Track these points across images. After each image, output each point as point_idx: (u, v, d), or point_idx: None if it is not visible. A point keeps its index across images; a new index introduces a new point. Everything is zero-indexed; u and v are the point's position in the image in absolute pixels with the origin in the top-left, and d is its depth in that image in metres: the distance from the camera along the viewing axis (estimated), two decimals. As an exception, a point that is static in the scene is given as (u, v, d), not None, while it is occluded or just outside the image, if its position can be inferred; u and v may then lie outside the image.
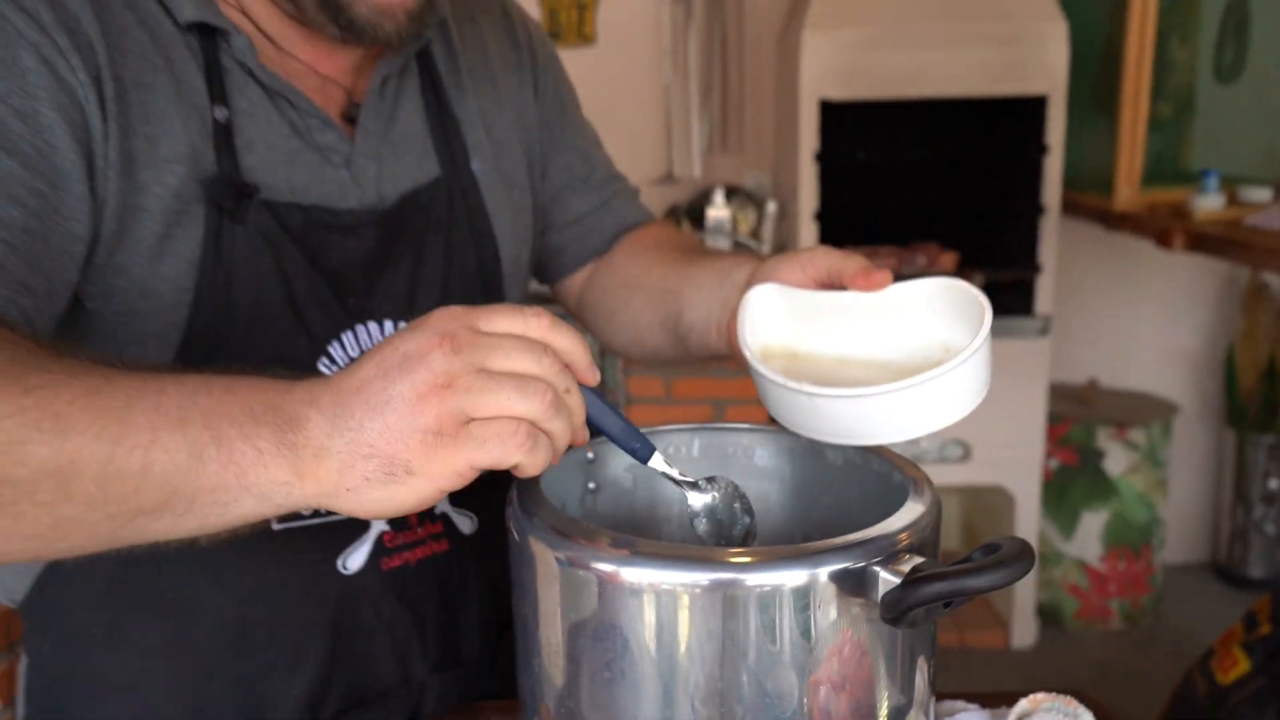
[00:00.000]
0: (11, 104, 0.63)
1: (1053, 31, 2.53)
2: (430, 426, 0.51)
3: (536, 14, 3.15)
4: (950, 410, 0.64)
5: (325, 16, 0.73)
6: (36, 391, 0.51)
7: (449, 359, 0.51)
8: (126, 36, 0.70)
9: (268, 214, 0.75)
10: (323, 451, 0.52)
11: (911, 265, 2.75)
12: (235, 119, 0.75)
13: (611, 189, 1.04)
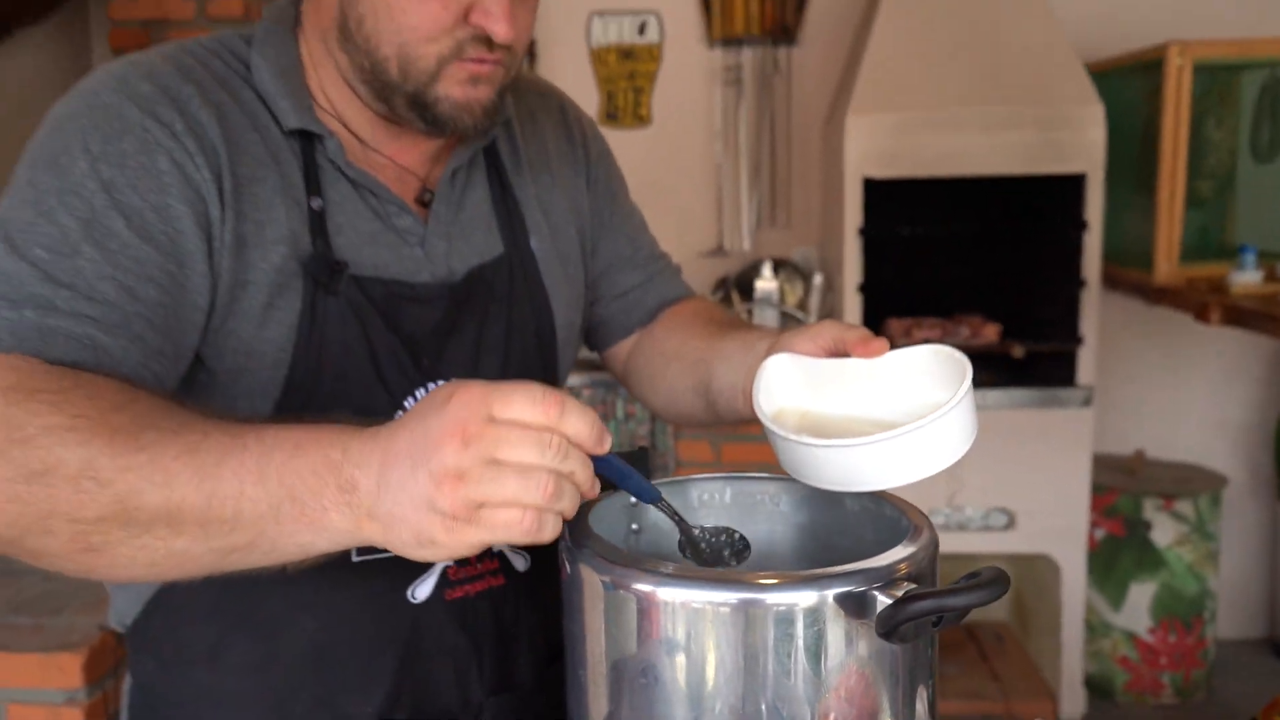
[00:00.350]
0: (149, 200, 0.77)
1: (1090, 115, 2.63)
2: (447, 511, 0.60)
3: (595, 98, 3.34)
4: (933, 460, 0.73)
5: (414, 113, 0.86)
6: (149, 449, 0.63)
7: (459, 454, 0.59)
8: (242, 139, 0.84)
9: (355, 287, 0.88)
10: (372, 513, 0.62)
11: (955, 336, 2.83)
12: (328, 207, 0.88)
13: (655, 267, 1.16)
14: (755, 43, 3.24)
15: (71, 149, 0.77)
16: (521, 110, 1.06)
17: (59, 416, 0.65)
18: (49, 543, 0.65)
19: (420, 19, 0.81)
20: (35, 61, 3.14)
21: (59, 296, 0.72)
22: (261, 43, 0.89)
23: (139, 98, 0.80)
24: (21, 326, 0.71)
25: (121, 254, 0.75)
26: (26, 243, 0.73)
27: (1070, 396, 2.76)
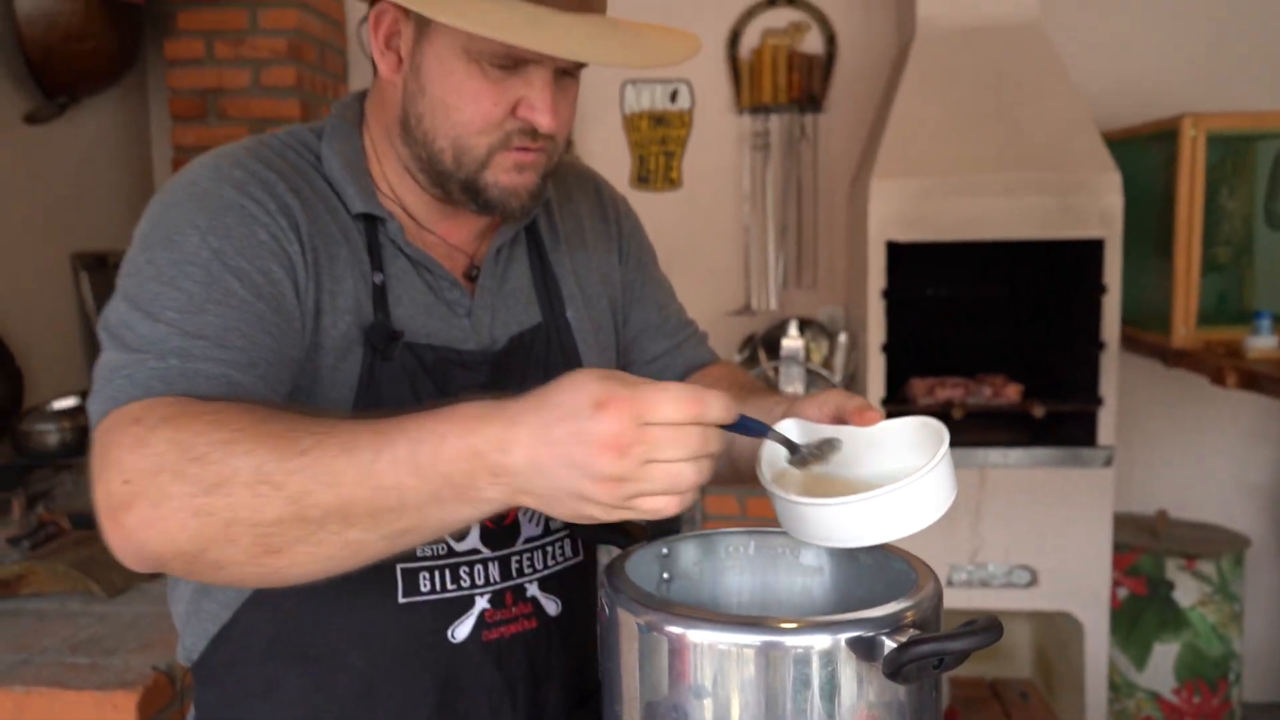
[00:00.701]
0: (255, 265, 0.88)
1: (1108, 182, 2.71)
2: (605, 503, 0.69)
3: (628, 162, 3.47)
4: (911, 520, 0.80)
5: (466, 197, 0.97)
6: (309, 451, 0.71)
7: (618, 463, 0.67)
8: (320, 220, 0.96)
9: (409, 353, 0.98)
10: (527, 490, 0.70)
11: (977, 396, 2.89)
12: (388, 281, 0.98)
13: (684, 334, 1.25)
14: (783, 110, 3.36)
15: (182, 228, 0.87)
16: (560, 191, 1.16)
17: (223, 432, 0.72)
18: (232, 551, 0.72)
19: (473, 115, 0.92)
20: (98, 126, 3.32)
21: (195, 346, 0.81)
22: (330, 136, 1.01)
23: (234, 182, 0.91)
24: (169, 374, 0.80)
25: (240, 310, 0.85)
26: (158, 309, 0.83)
27: (1092, 456, 2.81)
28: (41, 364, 3.02)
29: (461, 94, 0.91)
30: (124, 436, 0.74)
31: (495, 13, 0.83)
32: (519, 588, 1.03)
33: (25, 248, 3.00)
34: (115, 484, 0.73)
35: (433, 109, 0.93)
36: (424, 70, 0.92)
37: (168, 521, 0.71)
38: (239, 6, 3.19)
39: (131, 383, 0.80)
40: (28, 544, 2.55)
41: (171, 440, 0.72)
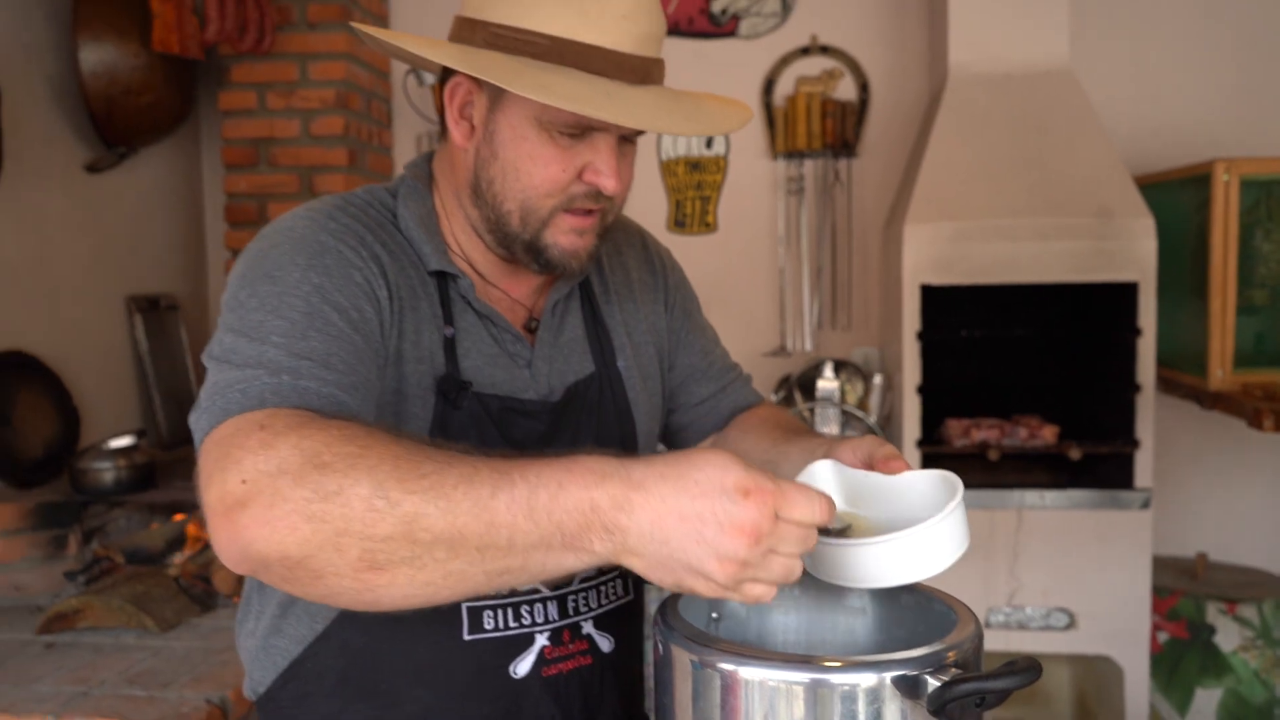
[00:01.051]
0: (352, 302, 0.93)
1: (1141, 226, 2.74)
2: (718, 581, 0.72)
3: (665, 206, 3.54)
4: (920, 567, 0.85)
5: (529, 257, 1.04)
6: (429, 476, 0.72)
7: (750, 549, 0.71)
8: (403, 273, 1.02)
9: (476, 402, 1.03)
10: (637, 552, 0.72)
11: (1013, 437, 2.90)
12: (458, 334, 1.05)
13: (728, 378, 1.30)
14: (817, 155, 3.42)
15: (283, 264, 0.92)
16: (609, 246, 1.23)
17: (349, 445, 0.74)
18: (337, 560, 0.72)
19: (543, 179, 0.98)
20: (153, 174, 3.45)
21: (302, 366, 0.85)
22: (405, 197, 1.07)
23: (330, 231, 0.97)
24: (281, 388, 0.83)
25: (339, 338, 0.89)
26: (264, 334, 0.87)
27: (1129, 499, 2.80)
28: (97, 404, 3.12)
29: (533, 159, 0.97)
30: (248, 439, 0.76)
31: (571, 87, 0.90)
32: (575, 625, 1.08)
33: (82, 290, 3.11)
34: (233, 482, 0.74)
35: (504, 173, 0.99)
36: (497, 137, 0.99)
37: (281, 523, 0.71)
38: (290, 59, 3.31)
39: (245, 395, 0.82)
40: (83, 578, 2.63)
41: (297, 446, 0.73)
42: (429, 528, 0.71)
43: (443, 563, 0.72)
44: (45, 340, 2.92)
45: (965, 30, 3.04)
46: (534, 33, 0.92)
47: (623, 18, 0.93)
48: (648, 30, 0.95)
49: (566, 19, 0.92)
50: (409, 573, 0.72)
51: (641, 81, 0.95)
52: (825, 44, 3.46)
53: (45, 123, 2.96)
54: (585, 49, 0.92)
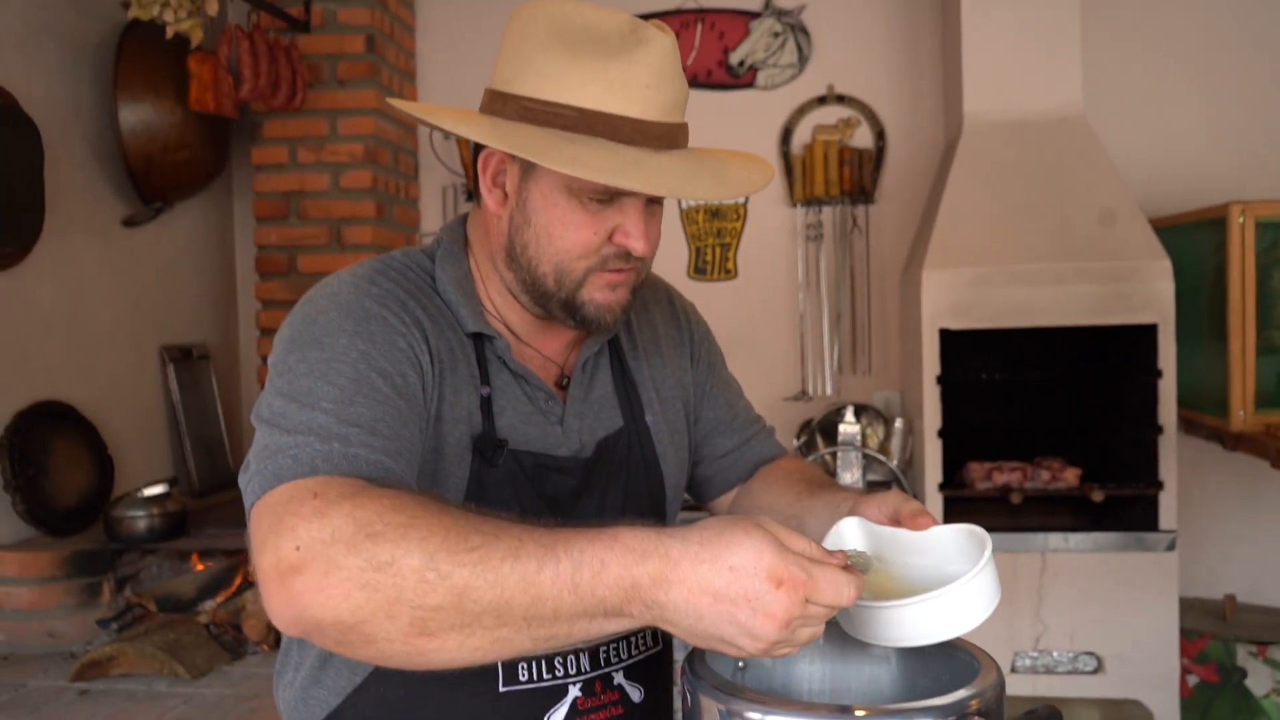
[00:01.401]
0: (396, 368, 0.95)
1: (1158, 269, 2.76)
2: (750, 653, 0.77)
3: (685, 254, 3.59)
4: (953, 625, 0.86)
5: (565, 314, 1.07)
6: (478, 549, 0.75)
7: (779, 632, 0.75)
8: (443, 336, 1.05)
9: (511, 459, 1.06)
10: (672, 622, 0.77)
11: (1035, 480, 2.91)
12: (494, 393, 1.07)
13: (751, 430, 1.33)
14: (835, 202, 3.47)
15: (331, 331, 0.95)
16: (636, 303, 1.24)
17: (400, 515, 0.76)
18: (389, 627, 0.75)
19: (574, 243, 1.01)
20: (187, 228, 3.55)
21: (350, 433, 0.87)
22: (442, 261, 1.11)
23: (374, 297, 1.00)
24: (332, 455, 0.85)
25: (385, 404, 0.92)
26: (314, 401, 0.89)
27: (1154, 540, 2.80)
28: (131, 452, 3.18)
29: (565, 225, 1.00)
30: (303, 507, 0.78)
31: (600, 158, 0.93)
32: (607, 676, 1.10)
33: (118, 341, 3.19)
34: (287, 549, 0.76)
35: (537, 238, 1.02)
36: (529, 204, 1.02)
37: (335, 590, 0.74)
38: (320, 115, 3.41)
39: (296, 461, 0.84)
40: (116, 626, 2.68)
41: (350, 516, 0.76)
42: (478, 599, 0.74)
43: (490, 630, 0.75)
44: (81, 390, 2.99)
45: (979, 79, 3.10)
46: (563, 105, 0.96)
47: (646, 87, 0.96)
48: (672, 98, 0.98)
49: (594, 91, 0.95)
50: (458, 639, 0.75)
51: (668, 147, 0.98)
52: (842, 93, 3.53)
53: (86, 179, 3.06)
54: (612, 119, 0.95)
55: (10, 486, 2.68)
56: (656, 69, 0.97)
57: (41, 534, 2.79)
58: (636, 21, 0.99)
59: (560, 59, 0.96)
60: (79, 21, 3.03)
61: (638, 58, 0.96)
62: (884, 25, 3.52)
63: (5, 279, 2.73)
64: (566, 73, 0.96)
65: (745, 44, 3.57)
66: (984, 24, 3.08)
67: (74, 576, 2.71)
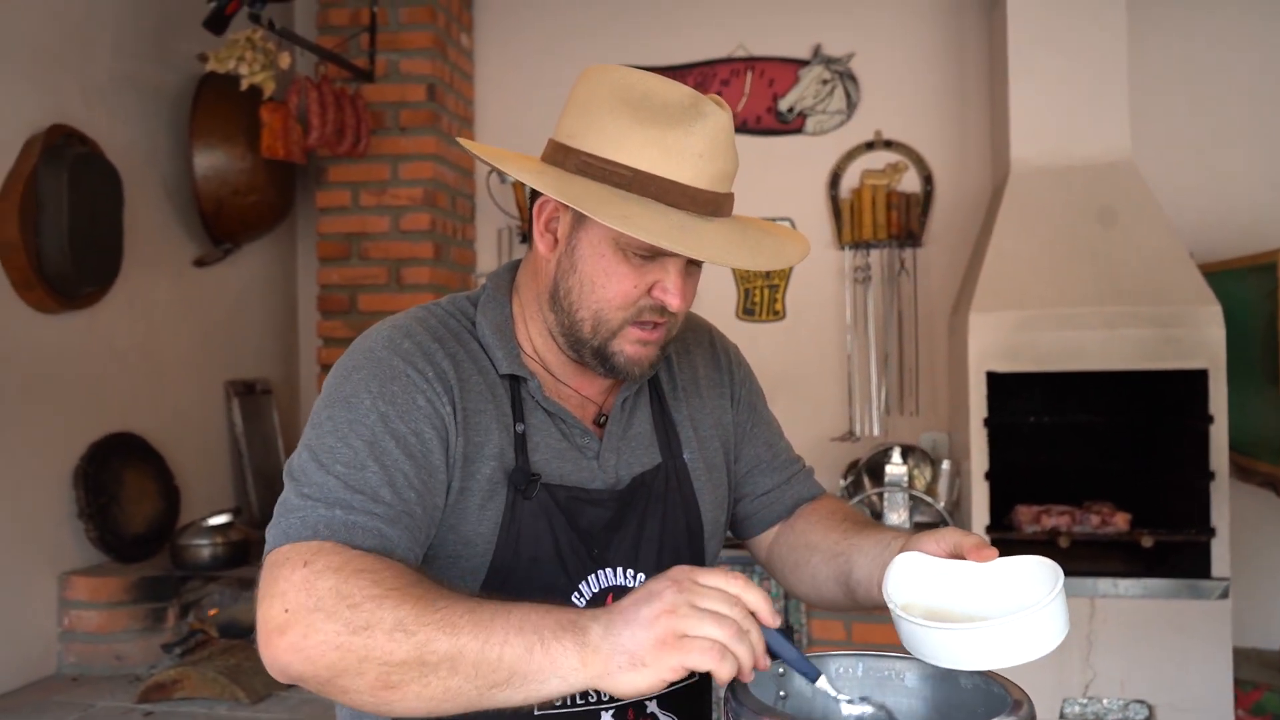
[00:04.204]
0: (411, 428, 1.03)
1: (1209, 314, 2.76)
2: (658, 638, 0.83)
3: (734, 295, 3.65)
4: (1021, 651, 0.90)
5: (596, 361, 1.12)
6: (442, 610, 0.86)
7: (674, 595, 0.84)
8: (470, 380, 1.11)
9: (545, 493, 1.11)
10: (597, 649, 0.85)
11: (1084, 524, 2.90)
12: (528, 431, 1.12)
13: (791, 470, 1.37)
14: (882, 245, 3.52)
15: (359, 392, 1.04)
16: (679, 345, 1.31)
17: (377, 589, 0.88)
18: (358, 682, 0.86)
19: (615, 294, 1.07)
20: (252, 268, 3.69)
21: (355, 500, 0.97)
22: (484, 306, 1.18)
23: (402, 353, 1.08)
24: (333, 522, 0.96)
25: (394, 468, 1.00)
26: (331, 461, 1.00)
27: (1207, 588, 2.77)
28: (196, 483, 3.30)
29: (609, 275, 1.07)
30: (294, 574, 0.90)
31: (648, 218, 1.00)
32: (640, 704, 1.14)
33: (185, 376, 3.32)
34: (276, 610, 0.89)
35: (581, 284, 1.08)
36: (577, 252, 1.08)
37: (313, 650, 0.86)
38: (383, 160, 3.55)
39: (303, 524, 0.96)
40: (179, 650, 2.77)
41: (333, 589, 0.88)
42: (436, 650, 0.85)
43: (444, 680, 0.85)
44: (151, 422, 3.12)
45: (1026, 123, 3.14)
46: (620, 165, 1.02)
47: (700, 156, 1.02)
48: (722, 169, 1.05)
49: (650, 155, 1.01)
50: (416, 689, 0.86)
51: (713, 214, 1.04)
52: (889, 139, 3.58)
53: (161, 221, 3.22)
54: (665, 183, 1.02)
55: (84, 514, 2.80)
56: (711, 140, 1.03)
57: (111, 560, 2.90)
58: (698, 95, 1.05)
59: (622, 121, 1.02)
60: (159, 73, 3.20)
61: (695, 129, 1.02)
62: (931, 72, 3.58)
63: (86, 316, 2.88)
64: (627, 135, 1.02)
65: (794, 91, 3.64)
66: (1031, 69, 3.13)
67: (140, 601, 2.81)
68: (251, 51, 3.08)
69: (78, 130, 2.81)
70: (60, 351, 2.79)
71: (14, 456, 2.63)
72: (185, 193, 3.29)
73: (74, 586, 2.76)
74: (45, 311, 2.72)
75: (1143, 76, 3.26)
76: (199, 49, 3.24)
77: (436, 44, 3.58)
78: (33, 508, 2.70)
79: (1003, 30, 3.20)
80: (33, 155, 2.63)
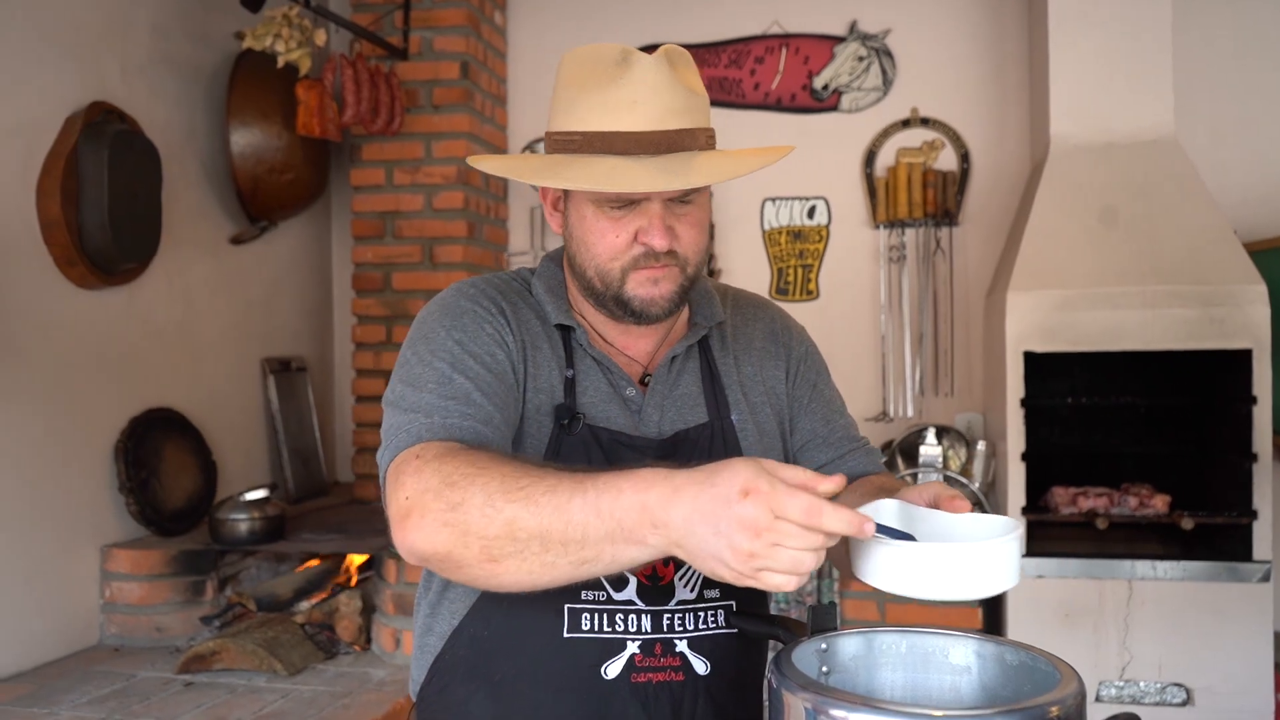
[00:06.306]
0: (486, 349, 1.17)
1: (1254, 293, 2.71)
2: (736, 567, 0.84)
3: (767, 274, 3.64)
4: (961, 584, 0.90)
5: (619, 308, 1.20)
6: (525, 489, 0.93)
7: (752, 542, 0.82)
8: (528, 324, 1.24)
9: (589, 432, 1.19)
10: (680, 544, 0.87)
11: (1122, 506, 2.87)
12: (577, 376, 1.23)
13: (849, 446, 1.38)
14: (918, 224, 3.48)
15: (435, 329, 1.18)
16: (739, 315, 1.37)
17: (471, 468, 0.97)
18: (466, 554, 0.95)
19: (604, 247, 1.17)
20: (288, 246, 3.71)
21: (449, 406, 1.10)
22: (540, 271, 1.30)
23: (469, 297, 1.23)
24: (434, 427, 1.08)
25: (478, 379, 1.13)
26: (422, 383, 1.13)
27: (1248, 571, 2.73)
28: (234, 458, 3.34)
29: (594, 232, 1.17)
30: (408, 466, 1.01)
31: (583, 170, 1.09)
32: (669, 642, 1.19)
33: (223, 353, 3.35)
34: (399, 500, 0.99)
35: (579, 247, 1.20)
36: (571, 219, 1.21)
37: (429, 528, 0.96)
38: (416, 139, 3.55)
39: (409, 435, 1.08)
40: (218, 623, 2.81)
41: (437, 470, 0.98)
42: (524, 527, 0.92)
43: (538, 555, 0.92)
44: (189, 398, 3.16)
45: (1067, 101, 3.08)
46: (573, 132, 1.13)
47: (635, 103, 1.10)
48: (666, 107, 1.11)
49: (592, 115, 1.11)
50: (515, 563, 0.94)
51: (669, 150, 1.11)
52: (926, 116, 3.54)
53: (198, 199, 3.24)
54: (610, 136, 1.11)
55: (125, 488, 2.84)
56: (645, 85, 1.11)
57: (151, 534, 2.94)
58: (628, 50, 1.13)
59: (570, 94, 1.14)
60: (196, 52, 3.21)
61: (624, 80, 1.11)
62: (969, 48, 3.53)
63: (126, 293, 2.91)
64: (574, 104, 1.13)
65: (830, 68, 3.61)
66: (1072, 45, 3.07)
67: (180, 575, 2.86)
68: (288, 29, 3.08)
69: (117, 108, 2.83)
70: (101, 327, 2.83)
71: (57, 430, 2.67)
72: (222, 170, 3.31)
73: (115, 559, 2.81)
74: (86, 288, 2.75)
75: (1186, 51, 3.19)
76: (236, 27, 3.25)
77: (470, 21, 3.57)
78: (75, 481, 2.74)
79: (1043, 4, 3.14)
80: (73, 133, 2.66)
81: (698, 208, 1.18)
